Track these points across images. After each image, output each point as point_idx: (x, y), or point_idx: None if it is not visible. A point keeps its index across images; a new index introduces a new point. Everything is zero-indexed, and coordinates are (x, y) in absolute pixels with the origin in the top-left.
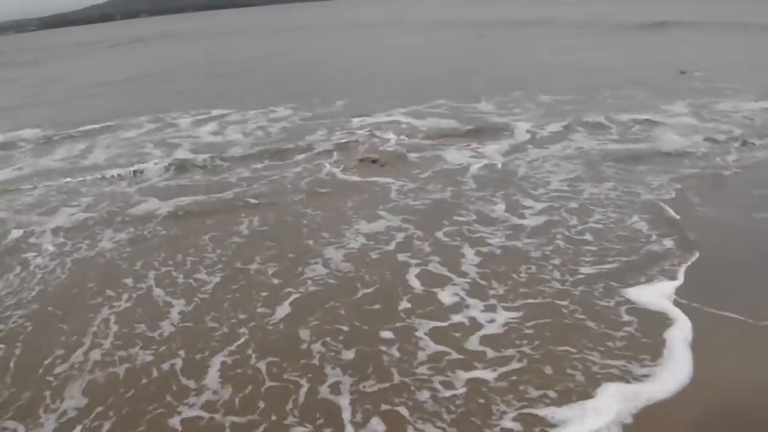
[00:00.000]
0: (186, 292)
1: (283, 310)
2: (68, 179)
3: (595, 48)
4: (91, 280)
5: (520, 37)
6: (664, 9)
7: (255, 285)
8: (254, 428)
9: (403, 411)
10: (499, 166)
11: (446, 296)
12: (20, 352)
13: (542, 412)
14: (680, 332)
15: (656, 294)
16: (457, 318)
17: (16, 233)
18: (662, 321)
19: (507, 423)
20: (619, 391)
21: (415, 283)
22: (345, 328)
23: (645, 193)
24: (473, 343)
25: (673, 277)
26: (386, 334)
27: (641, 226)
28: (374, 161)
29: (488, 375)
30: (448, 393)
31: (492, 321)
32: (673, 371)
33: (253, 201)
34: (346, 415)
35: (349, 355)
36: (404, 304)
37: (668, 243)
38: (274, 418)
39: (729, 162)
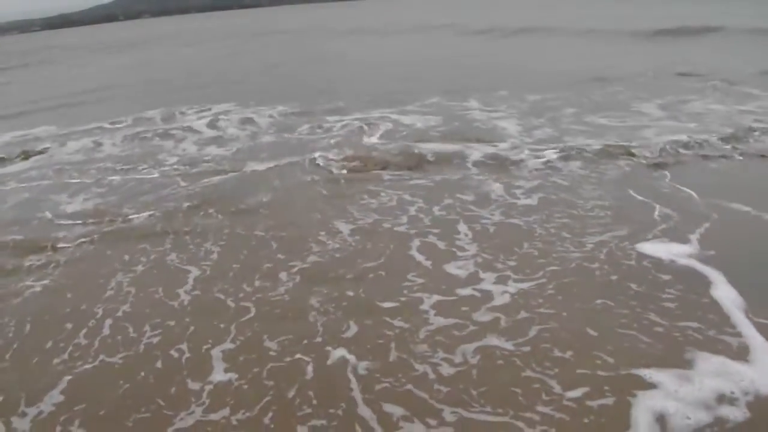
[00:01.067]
0: (195, 259)
1: (290, 280)
2: (90, 167)
3: (600, 55)
4: (113, 252)
5: (523, 45)
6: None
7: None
8: (263, 410)
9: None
10: (494, 154)
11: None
12: (29, 331)
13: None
14: (726, 294)
15: (679, 253)
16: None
17: (44, 213)
18: (701, 281)
19: (573, 393)
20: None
21: (421, 258)
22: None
23: (623, 173)
24: (487, 311)
25: (686, 241)
26: (398, 304)
27: (632, 200)
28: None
29: (526, 340)
30: (477, 360)
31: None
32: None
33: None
34: (357, 396)
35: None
36: (414, 278)
37: (671, 212)
38: (284, 398)
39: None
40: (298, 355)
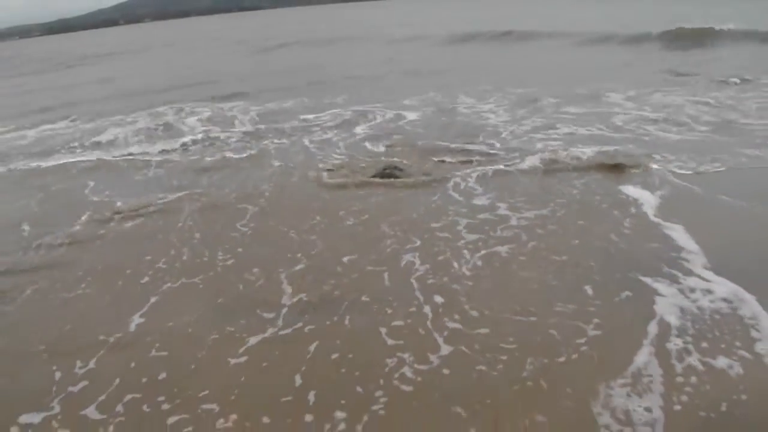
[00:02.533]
0: (250, 199)
1: (345, 219)
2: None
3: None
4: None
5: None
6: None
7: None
8: (344, 312)
9: None
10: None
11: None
12: (114, 261)
13: None
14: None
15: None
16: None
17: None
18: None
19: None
20: None
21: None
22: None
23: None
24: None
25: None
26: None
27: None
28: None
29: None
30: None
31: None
32: None
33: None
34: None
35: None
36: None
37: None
38: (363, 304)
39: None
40: (369, 267)
